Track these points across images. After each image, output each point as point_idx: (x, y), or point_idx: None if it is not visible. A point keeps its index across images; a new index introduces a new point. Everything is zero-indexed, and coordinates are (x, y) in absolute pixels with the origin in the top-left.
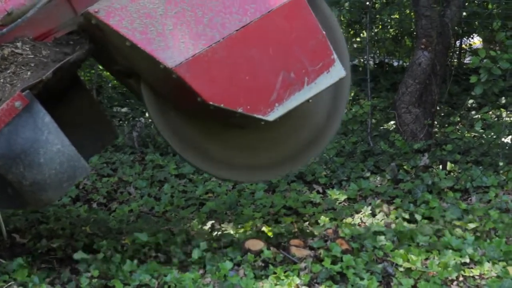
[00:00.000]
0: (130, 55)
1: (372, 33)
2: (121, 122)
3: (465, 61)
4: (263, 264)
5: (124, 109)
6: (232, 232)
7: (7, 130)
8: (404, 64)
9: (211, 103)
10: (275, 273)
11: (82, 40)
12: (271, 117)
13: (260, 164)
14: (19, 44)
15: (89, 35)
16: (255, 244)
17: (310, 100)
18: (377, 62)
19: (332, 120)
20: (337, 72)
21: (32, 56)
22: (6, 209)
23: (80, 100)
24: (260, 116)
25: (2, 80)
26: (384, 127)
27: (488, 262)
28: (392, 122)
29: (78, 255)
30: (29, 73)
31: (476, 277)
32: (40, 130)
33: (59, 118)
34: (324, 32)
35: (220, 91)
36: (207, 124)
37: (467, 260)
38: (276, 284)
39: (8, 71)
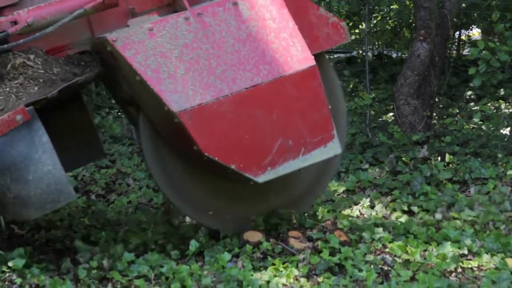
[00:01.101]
0: (138, 88)
1: (371, 25)
2: (119, 113)
3: (464, 53)
4: (261, 256)
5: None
6: None
7: (2, 140)
8: (403, 55)
9: (206, 154)
10: (273, 264)
11: (94, 63)
12: (261, 179)
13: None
14: (32, 56)
15: (100, 58)
16: (254, 236)
17: (302, 170)
18: (375, 53)
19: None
20: (334, 148)
21: (43, 71)
22: None
23: (75, 114)
24: (250, 177)
25: (8, 89)
26: (383, 118)
27: (487, 253)
28: (390, 114)
29: (77, 243)
30: (36, 88)
31: (475, 268)
32: (35, 148)
33: (52, 125)
34: (329, 107)
35: (217, 144)
36: (197, 169)
37: (466, 252)
38: (275, 276)
39: (16, 82)
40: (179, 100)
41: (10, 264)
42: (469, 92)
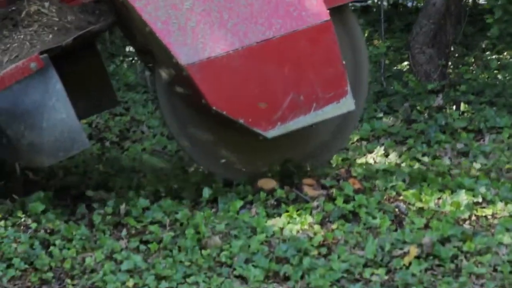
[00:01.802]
0: (150, 39)
1: None
2: (133, 61)
3: (480, 1)
4: (275, 203)
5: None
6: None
7: (16, 87)
8: (419, 4)
9: (214, 108)
10: (287, 211)
11: (108, 11)
12: (270, 134)
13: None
14: (46, 4)
15: (115, 7)
16: (268, 183)
17: (314, 126)
18: (391, 2)
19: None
20: (347, 104)
21: (57, 19)
22: None
23: (89, 62)
24: (259, 131)
25: (22, 37)
26: (398, 67)
27: (501, 202)
28: (405, 63)
29: (91, 192)
30: (50, 36)
31: (489, 216)
32: (49, 96)
33: (66, 73)
34: (344, 62)
35: (226, 98)
36: (211, 119)
37: (480, 200)
38: (288, 223)
39: (30, 29)
40: (188, 53)
41: (28, 208)
42: (485, 41)
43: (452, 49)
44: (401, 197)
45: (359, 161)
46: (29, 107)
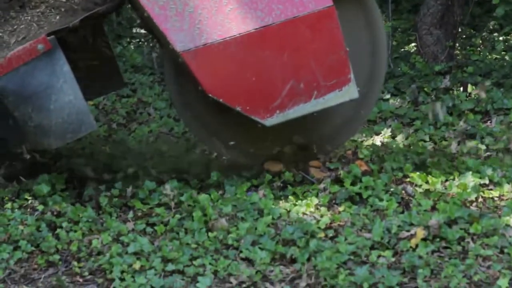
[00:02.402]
0: (150, 23)
1: None
2: (140, 42)
3: None
4: (282, 185)
5: (144, 30)
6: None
7: (23, 69)
8: None
9: (210, 95)
10: (294, 193)
11: None
12: (269, 122)
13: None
14: None
15: None
16: (274, 165)
17: (315, 114)
18: None
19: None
20: (350, 92)
21: (64, 0)
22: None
23: (97, 43)
24: (257, 119)
25: (29, 18)
26: (405, 49)
27: (508, 183)
28: (413, 44)
29: (98, 174)
30: (57, 17)
31: (496, 198)
32: (57, 77)
33: (73, 55)
34: (347, 49)
35: (223, 85)
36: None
37: (487, 182)
38: (295, 205)
39: (37, 10)
40: (184, 39)
41: (34, 191)
42: (492, 22)
43: (459, 30)
44: (408, 179)
45: (366, 143)
46: (37, 89)
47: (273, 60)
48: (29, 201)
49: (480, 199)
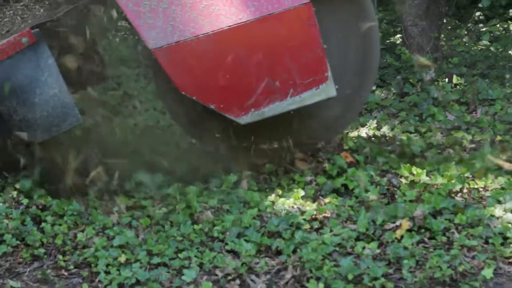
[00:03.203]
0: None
1: None
2: (126, 35)
3: None
4: (267, 177)
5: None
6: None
7: (8, 62)
8: None
9: (183, 93)
10: (279, 185)
11: None
12: (243, 120)
13: None
14: None
15: None
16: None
17: (292, 112)
18: None
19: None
20: (327, 91)
21: None
22: None
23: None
24: (232, 117)
25: (13, 11)
26: (391, 40)
27: (492, 174)
28: (398, 36)
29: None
30: (41, 10)
31: (480, 189)
32: (41, 71)
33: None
34: (324, 47)
35: (196, 83)
36: None
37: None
38: (280, 197)
39: (21, 4)
40: (157, 36)
41: (19, 184)
42: (478, 13)
43: (444, 21)
44: (393, 170)
45: (351, 134)
46: (21, 83)
47: (247, 58)
48: (14, 195)
49: (465, 190)
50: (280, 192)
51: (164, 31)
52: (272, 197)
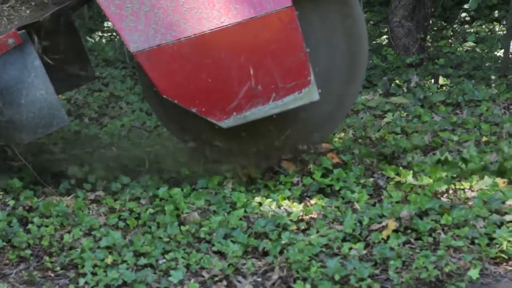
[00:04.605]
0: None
1: None
2: (112, 36)
3: None
4: (254, 178)
5: None
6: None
7: None
8: None
9: (164, 96)
10: (266, 186)
11: None
12: (225, 124)
13: None
14: None
15: None
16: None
17: (274, 116)
18: None
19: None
20: (310, 95)
21: None
22: None
23: (67, 36)
24: (213, 121)
25: None
26: (377, 41)
27: (477, 174)
28: (384, 37)
29: (71, 171)
30: (28, 11)
31: (466, 190)
32: (28, 72)
33: (44, 49)
34: (307, 50)
35: (177, 87)
36: None
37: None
38: (267, 198)
39: (7, 5)
40: (138, 40)
41: (5, 186)
42: (464, 14)
43: (430, 22)
44: (379, 171)
45: (337, 135)
46: (7, 84)
47: (229, 61)
48: (0, 196)
49: (451, 191)
50: (266, 193)
51: (146, 34)
52: (258, 198)
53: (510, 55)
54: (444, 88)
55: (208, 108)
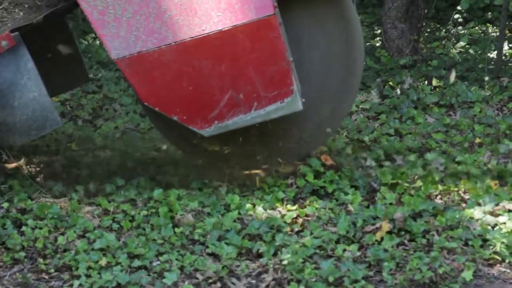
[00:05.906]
0: None
1: None
2: None
3: None
4: (249, 180)
5: None
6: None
7: None
8: None
9: (146, 103)
10: (260, 188)
11: None
12: (207, 133)
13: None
14: None
15: None
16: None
17: (257, 125)
18: None
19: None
20: (292, 105)
21: None
22: None
23: (61, 39)
24: (195, 129)
25: None
26: (370, 43)
27: (471, 176)
28: (378, 38)
29: (65, 171)
30: (21, 13)
31: (460, 191)
32: (21, 74)
33: (37, 51)
34: (290, 59)
35: (158, 94)
36: None
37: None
38: (261, 199)
39: (1, 7)
40: (119, 46)
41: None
42: (456, 16)
43: (424, 24)
44: (373, 173)
45: (331, 137)
46: (1, 86)
47: (210, 70)
48: None
49: (445, 193)
50: (260, 195)
51: (127, 41)
52: (252, 200)
53: (503, 57)
54: (437, 89)
55: (190, 116)
